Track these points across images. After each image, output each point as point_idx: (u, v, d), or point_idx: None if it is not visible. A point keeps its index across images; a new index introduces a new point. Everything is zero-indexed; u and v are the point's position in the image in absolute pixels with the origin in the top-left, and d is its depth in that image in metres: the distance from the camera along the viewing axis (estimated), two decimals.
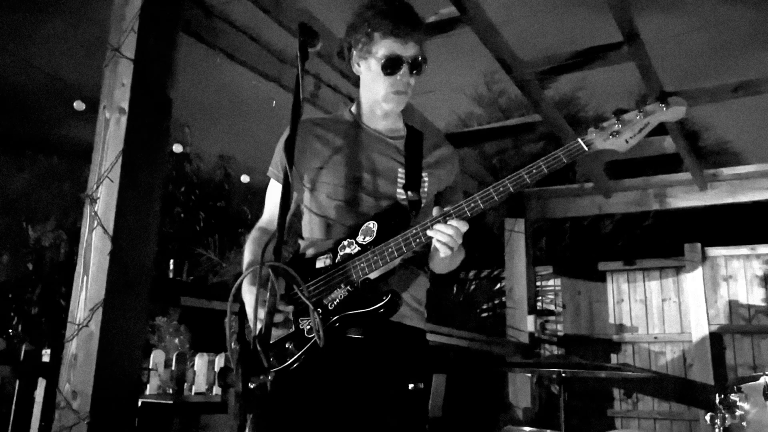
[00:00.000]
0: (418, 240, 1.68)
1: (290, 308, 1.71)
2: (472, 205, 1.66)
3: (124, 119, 2.47)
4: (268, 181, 1.98)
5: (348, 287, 1.71)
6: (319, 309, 1.69)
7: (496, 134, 5.86)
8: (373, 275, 1.71)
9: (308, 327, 1.69)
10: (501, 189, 1.65)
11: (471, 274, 7.12)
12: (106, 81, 2.59)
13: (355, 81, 2.00)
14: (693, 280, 6.01)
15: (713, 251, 6.05)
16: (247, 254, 1.88)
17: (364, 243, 1.73)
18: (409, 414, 1.78)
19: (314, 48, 1.72)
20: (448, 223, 1.65)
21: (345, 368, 1.74)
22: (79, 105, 8.15)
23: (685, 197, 5.79)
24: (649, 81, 4.03)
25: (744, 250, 5.96)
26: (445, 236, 1.65)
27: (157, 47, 2.61)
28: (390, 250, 1.69)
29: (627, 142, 1.65)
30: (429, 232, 1.66)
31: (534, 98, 4.39)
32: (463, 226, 1.66)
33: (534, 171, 1.64)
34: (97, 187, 2.45)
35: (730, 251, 6.02)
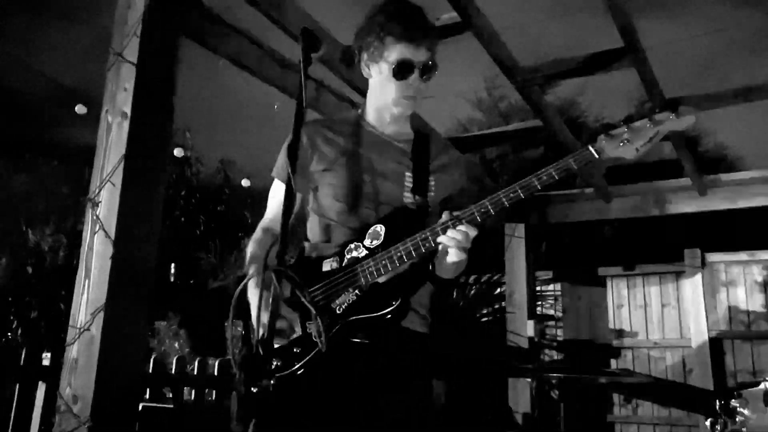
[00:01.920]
0: (427, 245, 1.67)
1: (295, 315, 1.69)
2: (482, 210, 1.65)
3: (126, 123, 2.48)
4: (268, 185, 1.97)
5: (356, 291, 1.70)
6: (325, 314, 1.68)
7: (496, 139, 5.86)
8: (381, 279, 1.70)
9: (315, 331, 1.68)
10: (511, 195, 1.64)
11: (471, 278, 7.11)
12: (109, 85, 2.59)
13: (357, 86, 2.00)
14: (693, 285, 6.00)
15: (713, 257, 6.05)
16: (250, 256, 1.87)
17: (371, 246, 1.72)
18: (411, 421, 1.77)
19: (317, 53, 1.72)
20: (458, 228, 1.64)
21: (351, 373, 1.72)
22: (80, 109, 8.15)
23: (685, 203, 5.78)
24: (650, 87, 4.04)
25: (743, 255, 5.96)
26: (454, 241, 1.64)
27: (160, 52, 2.61)
28: (399, 254, 1.68)
29: (637, 150, 1.65)
30: (439, 237, 1.65)
31: (534, 103, 4.39)
32: (473, 231, 1.65)
33: (544, 177, 1.64)
34: (99, 191, 2.45)
35: (729, 257, 6.01)
